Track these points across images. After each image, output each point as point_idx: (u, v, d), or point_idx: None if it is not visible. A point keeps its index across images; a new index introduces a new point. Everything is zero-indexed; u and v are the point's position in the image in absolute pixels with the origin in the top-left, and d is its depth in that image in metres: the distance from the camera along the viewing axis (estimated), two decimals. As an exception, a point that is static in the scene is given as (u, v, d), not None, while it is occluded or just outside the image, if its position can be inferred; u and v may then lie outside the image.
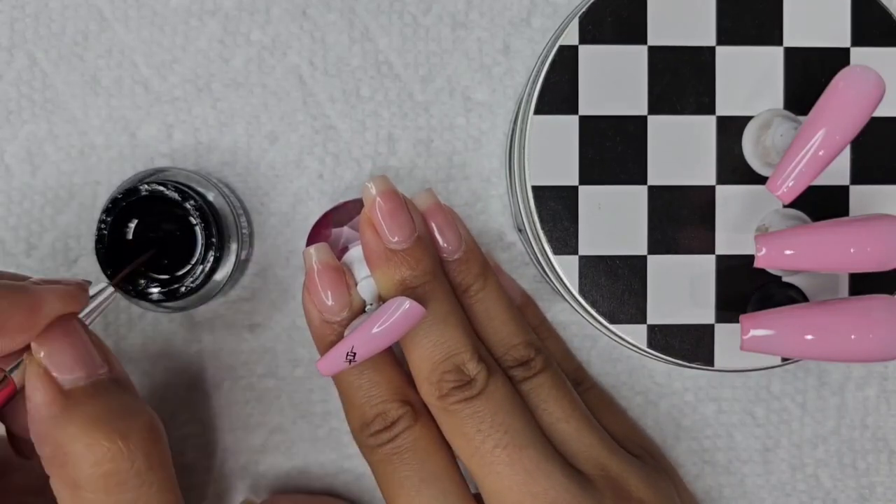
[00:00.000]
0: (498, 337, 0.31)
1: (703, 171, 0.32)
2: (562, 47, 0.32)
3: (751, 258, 0.32)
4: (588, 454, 0.30)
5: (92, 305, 0.29)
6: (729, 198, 0.32)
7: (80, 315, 0.28)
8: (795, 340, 0.29)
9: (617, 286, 0.32)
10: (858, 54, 0.32)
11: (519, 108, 0.34)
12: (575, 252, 0.32)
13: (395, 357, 0.31)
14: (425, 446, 0.30)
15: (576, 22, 0.32)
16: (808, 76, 0.32)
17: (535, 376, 0.31)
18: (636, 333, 0.32)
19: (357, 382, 0.30)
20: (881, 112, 0.31)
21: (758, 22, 0.32)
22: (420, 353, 0.30)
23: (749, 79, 0.32)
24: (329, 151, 0.36)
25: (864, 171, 0.32)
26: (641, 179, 0.32)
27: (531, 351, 0.31)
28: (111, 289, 0.30)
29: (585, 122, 0.32)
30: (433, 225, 0.31)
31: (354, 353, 0.28)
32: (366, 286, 0.30)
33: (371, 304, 0.30)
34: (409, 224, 0.30)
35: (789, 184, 0.29)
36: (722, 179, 0.32)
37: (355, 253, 0.31)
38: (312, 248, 0.30)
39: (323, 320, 0.30)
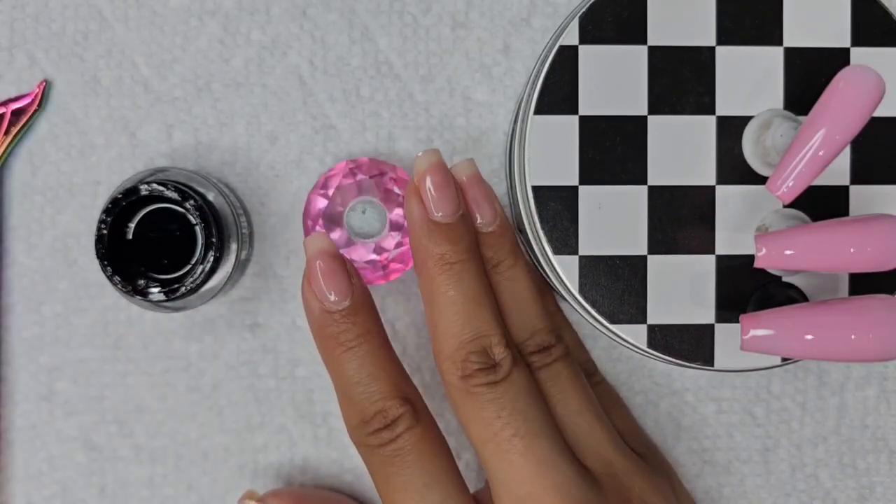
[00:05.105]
0: (522, 320, 0.31)
1: (703, 171, 0.32)
2: (562, 47, 0.32)
3: (751, 258, 0.32)
4: (597, 451, 0.30)
5: None
6: (729, 198, 0.32)
7: None
8: (795, 340, 0.29)
9: (617, 286, 0.32)
10: (858, 54, 0.32)
11: (519, 108, 0.34)
12: (575, 252, 0.32)
13: (393, 351, 0.31)
14: (427, 448, 0.29)
15: (576, 22, 0.32)
16: (808, 76, 0.32)
17: (554, 364, 0.30)
18: (636, 333, 0.32)
19: (356, 377, 0.29)
20: (881, 112, 0.31)
21: (758, 22, 0.32)
22: (446, 329, 0.29)
23: (749, 79, 0.32)
24: (329, 151, 0.36)
25: (864, 171, 0.32)
26: (641, 179, 0.32)
27: (552, 338, 0.31)
28: None
29: (585, 122, 0.32)
30: (469, 196, 0.30)
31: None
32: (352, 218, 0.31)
33: (365, 238, 0.31)
34: (456, 200, 0.29)
35: (789, 184, 0.29)
36: (722, 179, 0.32)
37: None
38: (313, 237, 0.30)
39: (323, 310, 0.30)
